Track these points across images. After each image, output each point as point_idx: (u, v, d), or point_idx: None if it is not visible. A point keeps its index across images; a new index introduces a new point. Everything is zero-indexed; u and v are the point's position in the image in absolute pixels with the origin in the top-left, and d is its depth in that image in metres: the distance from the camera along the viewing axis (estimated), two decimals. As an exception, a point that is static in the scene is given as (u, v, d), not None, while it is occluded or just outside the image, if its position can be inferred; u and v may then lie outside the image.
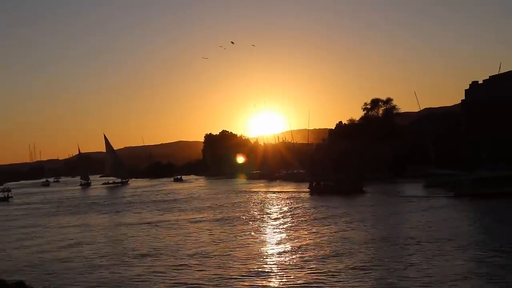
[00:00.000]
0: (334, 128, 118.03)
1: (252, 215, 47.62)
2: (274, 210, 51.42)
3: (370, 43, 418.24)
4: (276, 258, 27.13)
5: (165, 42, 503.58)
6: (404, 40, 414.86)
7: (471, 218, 38.42)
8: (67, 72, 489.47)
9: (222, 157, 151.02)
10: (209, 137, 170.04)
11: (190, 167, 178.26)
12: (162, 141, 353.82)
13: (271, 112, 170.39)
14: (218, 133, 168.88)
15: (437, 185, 59.92)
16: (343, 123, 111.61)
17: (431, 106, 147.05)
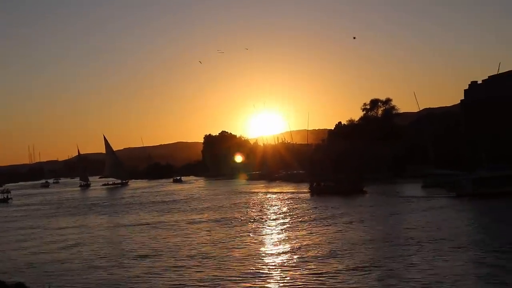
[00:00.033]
0: (333, 128, 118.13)
1: (251, 216, 47.57)
2: (274, 210, 51.38)
3: (369, 43, 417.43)
4: (276, 258, 27.06)
5: (165, 43, 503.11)
6: (403, 40, 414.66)
7: (471, 218, 38.44)
8: (67, 72, 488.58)
9: (221, 158, 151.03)
10: (208, 138, 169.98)
11: (189, 168, 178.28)
12: (161, 142, 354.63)
13: (271, 112, 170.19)
14: (218, 134, 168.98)
15: (435, 185, 60.03)
16: (343, 124, 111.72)
17: (431, 106, 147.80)
